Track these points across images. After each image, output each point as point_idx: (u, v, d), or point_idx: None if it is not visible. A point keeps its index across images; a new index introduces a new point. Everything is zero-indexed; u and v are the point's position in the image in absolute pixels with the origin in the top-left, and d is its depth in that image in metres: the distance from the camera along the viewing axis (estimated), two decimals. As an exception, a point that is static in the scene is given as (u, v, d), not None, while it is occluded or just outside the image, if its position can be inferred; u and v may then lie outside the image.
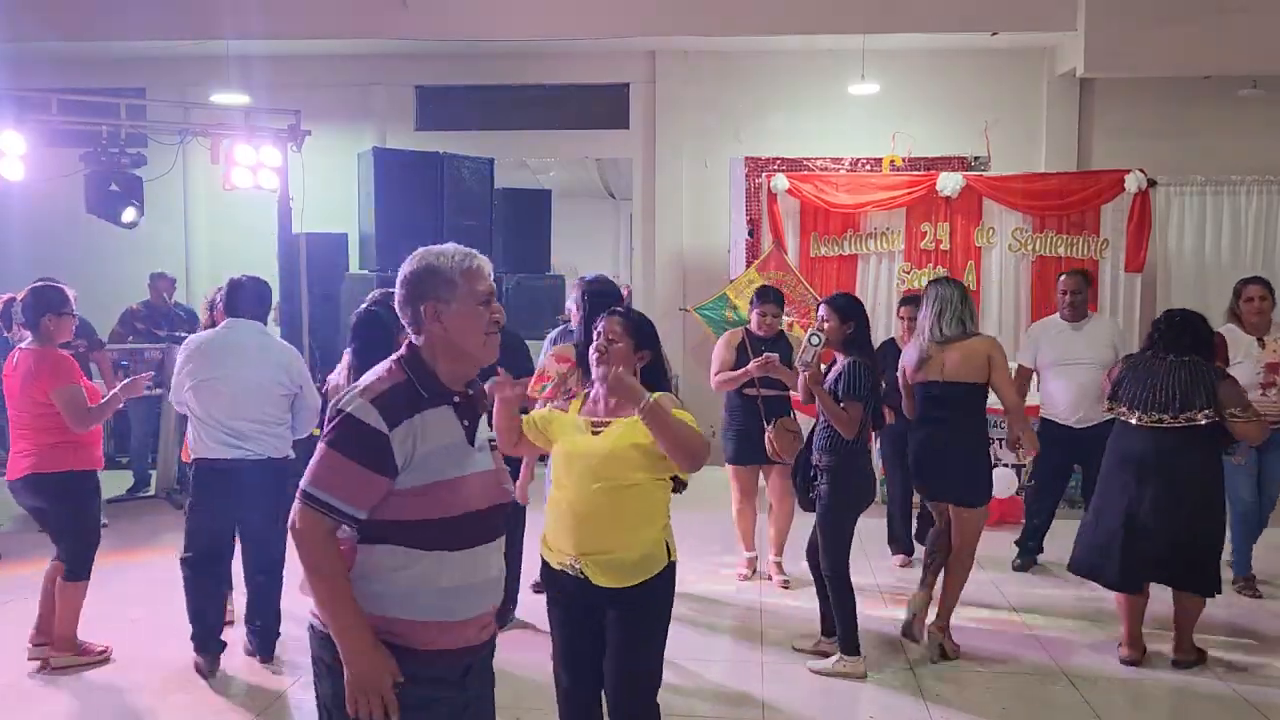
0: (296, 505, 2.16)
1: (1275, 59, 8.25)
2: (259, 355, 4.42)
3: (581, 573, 2.96)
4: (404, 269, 2.36)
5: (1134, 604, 4.63)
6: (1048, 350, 5.94)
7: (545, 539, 3.11)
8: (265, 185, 7.52)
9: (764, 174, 8.90)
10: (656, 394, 2.98)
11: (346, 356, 4.35)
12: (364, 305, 4.52)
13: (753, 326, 5.65)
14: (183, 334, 7.67)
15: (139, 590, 5.66)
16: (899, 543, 6.20)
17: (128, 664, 4.64)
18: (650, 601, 3.02)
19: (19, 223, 9.87)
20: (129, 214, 7.29)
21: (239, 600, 4.77)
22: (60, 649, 4.58)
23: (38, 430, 4.43)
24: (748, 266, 8.33)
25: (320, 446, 2.16)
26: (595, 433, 3.03)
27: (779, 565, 5.80)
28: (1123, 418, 4.58)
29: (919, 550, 5.85)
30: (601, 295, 4.37)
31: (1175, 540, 4.43)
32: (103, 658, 4.65)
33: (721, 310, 7.72)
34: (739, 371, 5.39)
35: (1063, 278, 6.11)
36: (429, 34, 8.82)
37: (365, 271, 7.45)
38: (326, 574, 2.16)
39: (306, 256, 8.01)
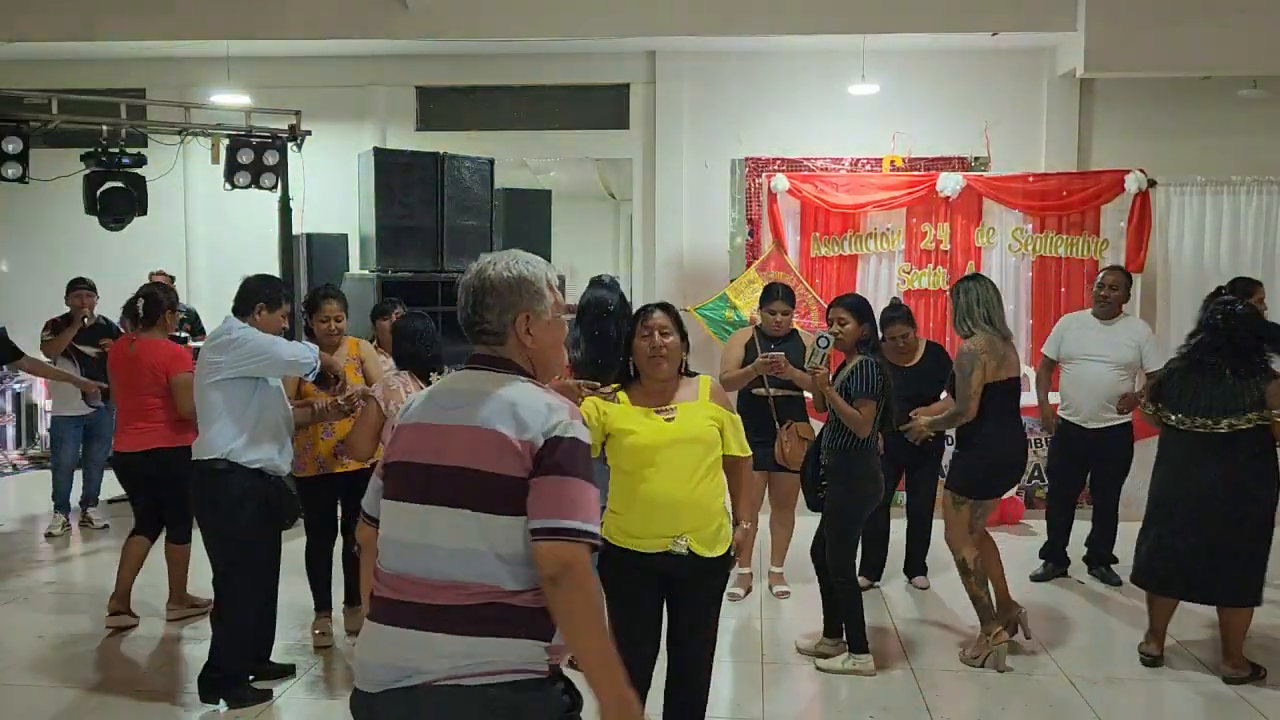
0: (567, 546, 1.95)
1: (1275, 59, 8.24)
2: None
3: (688, 549, 3.13)
4: (500, 272, 2.16)
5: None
6: (1070, 343, 5.84)
7: (624, 530, 3.18)
8: (265, 185, 7.52)
9: (764, 174, 8.90)
10: (703, 377, 3.35)
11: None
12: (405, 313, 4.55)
13: (763, 325, 5.45)
14: (183, 333, 7.68)
15: (138, 591, 5.66)
16: (872, 569, 5.80)
17: (129, 665, 4.64)
18: (726, 567, 3.27)
19: (19, 223, 9.89)
20: (124, 216, 7.29)
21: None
22: (176, 602, 5.21)
23: (164, 409, 4.88)
24: (748, 266, 8.32)
25: (562, 479, 1.99)
26: (668, 420, 3.20)
27: (779, 575, 5.71)
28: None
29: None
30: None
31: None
32: (207, 609, 4.73)
33: (721, 310, 7.71)
34: (742, 370, 5.23)
35: (1105, 273, 6.02)
36: (429, 34, 8.81)
37: (365, 271, 7.44)
38: (601, 612, 2.03)
39: (306, 256, 8.01)
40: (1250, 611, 4.48)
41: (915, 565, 5.86)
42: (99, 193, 7.21)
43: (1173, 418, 4.46)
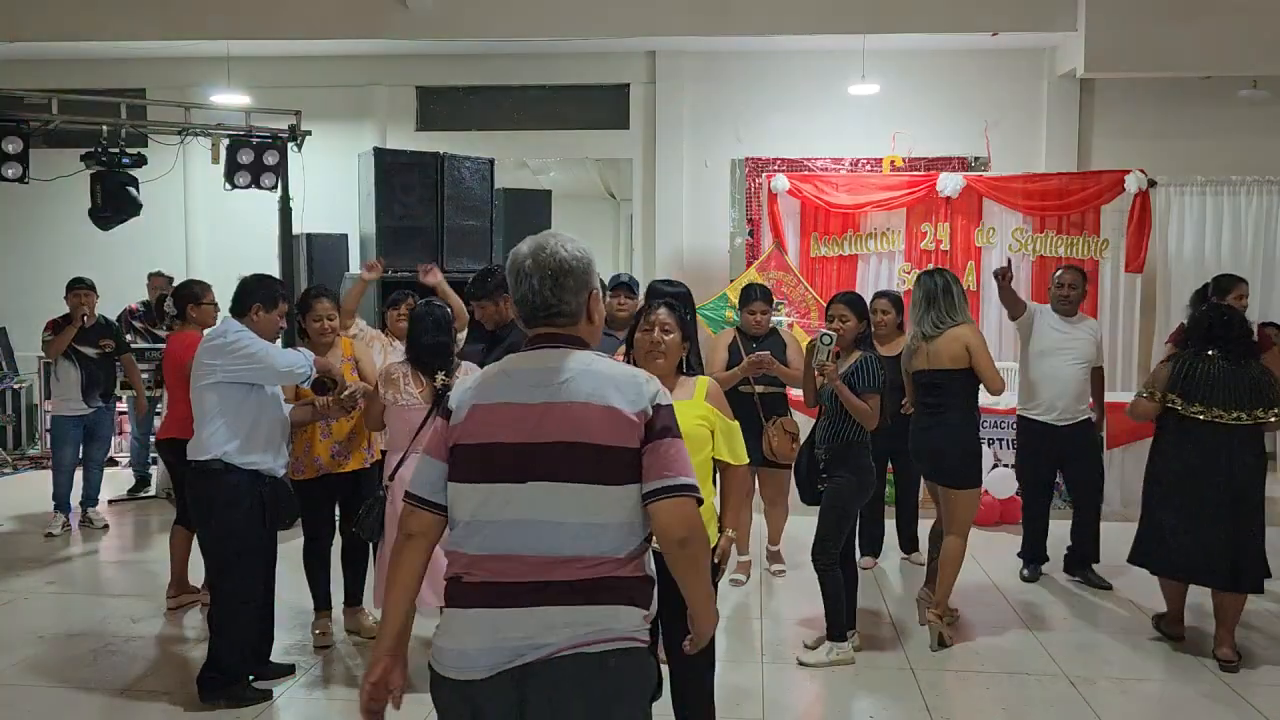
0: (687, 501, 2.06)
1: (1275, 59, 8.25)
2: None
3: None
4: (572, 253, 2.17)
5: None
6: (1040, 338, 5.81)
7: None
8: (265, 185, 7.52)
9: (764, 174, 8.92)
10: (701, 378, 3.34)
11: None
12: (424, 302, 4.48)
13: (743, 325, 5.63)
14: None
15: (138, 591, 5.67)
16: (870, 544, 6.09)
17: (128, 665, 4.64)
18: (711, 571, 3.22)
19: (19, 223, 9.90)
20: (126, 216, 7.29)
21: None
22: (176, 590, 5.32)
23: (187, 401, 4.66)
24: (748, 266, 8.33)
25: (672, 440, 2.08)
26: None
27: (776, 554, 5.85)
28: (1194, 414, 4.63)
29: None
30: (664, 294, 4.39)
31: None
32: (203, 597, 4.89)
33: (722, 310, 7.72)
34: (730, 371, 5.36)
35: (1063, 272, 5.92)
36: (429, 34, 8.83)
37: (365, 271, 7.44)
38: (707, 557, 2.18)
39: (306, 256, 8.01)
40: (1245, 596, 4.68)
41: (907, 541, 6.12)
42: (109, 192, 7.19)
43: (1206, 412, 4.56)
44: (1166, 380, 4.70)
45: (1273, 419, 4.56)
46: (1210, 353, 4.62)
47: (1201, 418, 4.57)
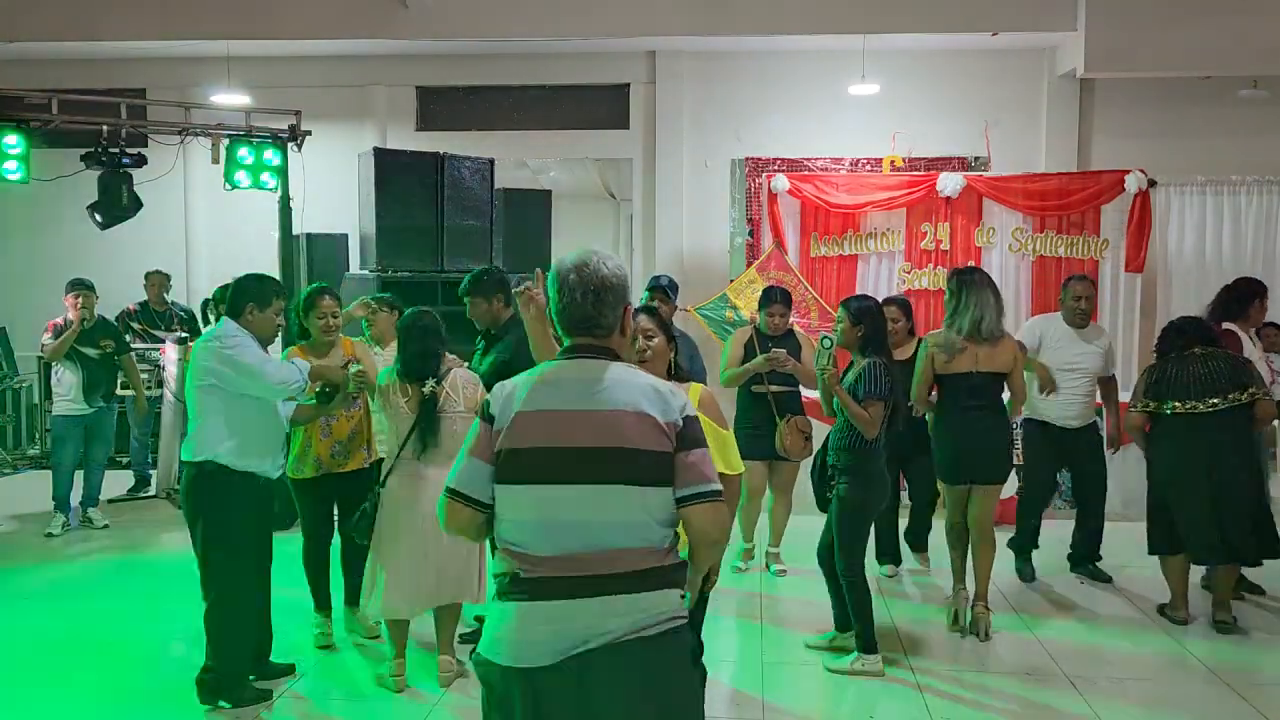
0: (717, 505, 2.27)
1: (1275, 59, 8.25)
2: None
3: None
4: (612, 270, 2.36)
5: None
6: (1052, 353, 5.78)
7: None
8: (265, 185, 7.52)
9: (764, 174, 8.91)
10: (695, 385, 3.29)
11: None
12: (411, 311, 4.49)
13: (763, 325, 5.79)
14: (183, 333, 7.68)
15: (139, 591, 5.67)
16: (889, 554, 6.07)
17: (129, 665, 4.64)
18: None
19: (19, 223, 9.90)
20: (118, 214, 7.28)
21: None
22: None
23: None
24: (748, 266, 8.33)
25: (701, 451, 2.28)
26: None
27: (776, 555, 5.97)
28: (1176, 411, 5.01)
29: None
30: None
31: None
32: None
33: (722, 310, 7.71)
34: (746, 366, 5.61)
35: (1076, 283, 5.86)
36: (429, 34, 8.82)
37: (365, 272, 7.44)
38: None
39: (306, 256, 8.01)
40: (1236, 570, 5.20)
41: (917, 544, 6.18)
42: (116, 193, 7.18)
43: (1182, 406, 4.98)
44: (1141, 391, 5.16)
45: (1245, 399, 4.91)
46: (1173, 355, 5.07)
47: (1171, 411, 4.98)
